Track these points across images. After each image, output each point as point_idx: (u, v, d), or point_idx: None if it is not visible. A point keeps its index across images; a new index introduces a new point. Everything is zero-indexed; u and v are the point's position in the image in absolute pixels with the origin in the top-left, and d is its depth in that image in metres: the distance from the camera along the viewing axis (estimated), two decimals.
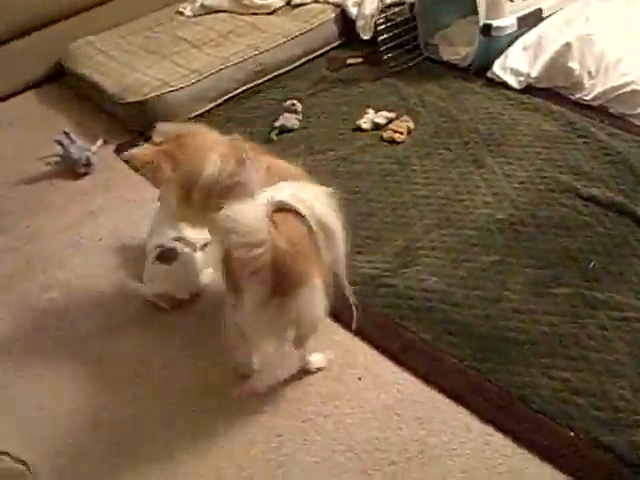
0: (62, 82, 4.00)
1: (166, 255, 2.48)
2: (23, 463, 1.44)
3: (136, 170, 2.29)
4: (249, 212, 1.83)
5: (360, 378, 2.17)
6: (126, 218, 2.91)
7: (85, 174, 3.25)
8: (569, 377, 2.07)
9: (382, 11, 3.63)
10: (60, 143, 3.24)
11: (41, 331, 2.53)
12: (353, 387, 2.15)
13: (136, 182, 2.99)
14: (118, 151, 3.32)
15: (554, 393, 2.03)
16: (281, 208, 1.90)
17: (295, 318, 1.97)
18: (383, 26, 3.58)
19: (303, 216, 1.91)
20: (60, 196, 3.18)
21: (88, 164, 3.25)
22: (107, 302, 2.60)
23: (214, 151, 2.21)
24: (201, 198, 2.20)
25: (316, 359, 2.20)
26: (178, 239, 2.56)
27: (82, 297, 2.64)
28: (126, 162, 2.31)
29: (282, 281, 1.86)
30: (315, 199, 1.96)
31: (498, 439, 1.96)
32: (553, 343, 2.17)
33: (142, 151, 2.30)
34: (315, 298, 1.95)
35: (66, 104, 3.83)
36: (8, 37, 3.85)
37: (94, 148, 3.34)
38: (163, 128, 2.33)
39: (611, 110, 3.08)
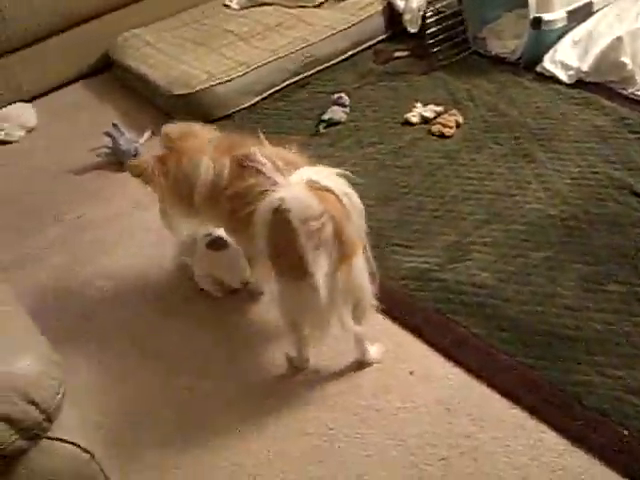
0: (110, 74, 4.05)
1: (217, 243, 2.49)
2: (89, 453, 1.47)
3: (137, 177, 2.29)
4: (296, 191, 1.85)
5: (411, 372, 2.16)
6: None
7: None
8: (623, 375, 2.04)
9: (430, 4, 3.60)
10: (110, 135, 3.27)
11: (90, 318, 2.57)
12: (404, 381, 2.14)
13: None
14: None
15: (608, 391, 2.00)
16: (311, 187, 1.91)
17: (355, 288, 1.98)
18: (431, 19, 3.55)
19: (333, 192, 1.92)
20: (109, 187, 3.21)
21: (136, 155, 3.27)
22: (153, 292, 2.63)
23: (205, 153, 2.19)
24: (204, 200, 2.19)
25: (374, 351, 2.19)
26: None
27: (129, 286, 2.67)
28: (129, 172, 2.30)
29: (340, 250, 1.89)
30: (336, 178, 1.97)
31: (551, 437, 1.94)
32: (606, 341, 2.14)
33: (139, 159, 2.30)
34: (364, 267, 1.99)
35: (114, 96, 3.87)
36: (57, 30, 3.91)
37: (142, 140, 3.37)
38: (167, 129, 2.33)
39: None
